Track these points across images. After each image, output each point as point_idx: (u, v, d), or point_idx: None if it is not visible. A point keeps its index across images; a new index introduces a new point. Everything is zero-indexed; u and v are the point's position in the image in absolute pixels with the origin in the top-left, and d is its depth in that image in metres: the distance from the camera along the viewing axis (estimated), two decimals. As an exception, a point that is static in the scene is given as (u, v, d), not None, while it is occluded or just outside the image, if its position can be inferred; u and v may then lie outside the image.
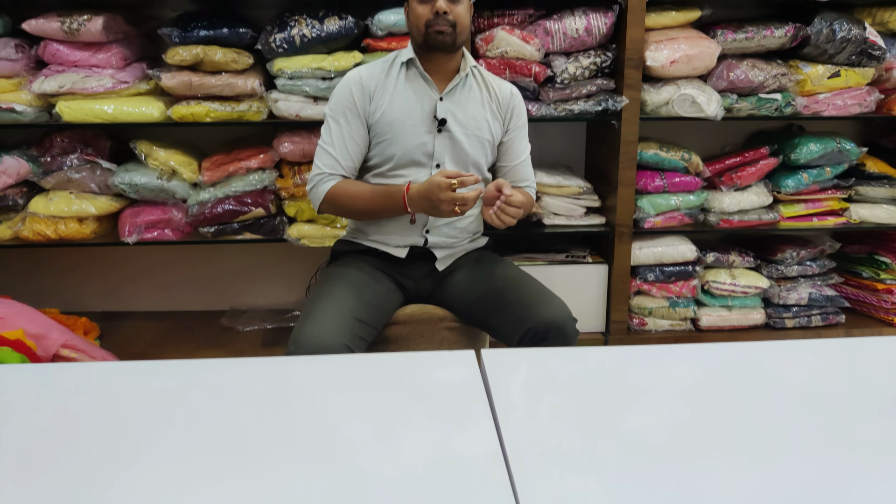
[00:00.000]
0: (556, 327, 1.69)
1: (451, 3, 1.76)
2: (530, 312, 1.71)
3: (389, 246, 1.92)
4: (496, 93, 1.93)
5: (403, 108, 1.84)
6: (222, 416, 1.03)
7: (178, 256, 2.93)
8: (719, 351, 1.29)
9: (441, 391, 1.11)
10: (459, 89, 1.88)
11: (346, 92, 1.85)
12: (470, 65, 1.89)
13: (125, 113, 2.39)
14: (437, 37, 1.77)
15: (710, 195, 2.69)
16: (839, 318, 2.84)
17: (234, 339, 2.71)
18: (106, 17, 2.32)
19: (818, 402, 1.08)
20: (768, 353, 1.29)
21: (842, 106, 2.60)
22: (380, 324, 1.81)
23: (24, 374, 1.23)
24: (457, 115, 1.86)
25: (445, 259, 1.95)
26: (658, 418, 1.02)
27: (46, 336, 2.18)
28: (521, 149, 1.98)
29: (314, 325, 1.62)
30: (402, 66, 1.87)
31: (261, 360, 1.23)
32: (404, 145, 1.84)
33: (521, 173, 1.98)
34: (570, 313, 1.74)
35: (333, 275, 1.87)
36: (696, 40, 2.46)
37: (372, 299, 1.79)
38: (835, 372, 1.20)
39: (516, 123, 1.95)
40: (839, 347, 1.32)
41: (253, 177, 2.51)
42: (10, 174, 2.47)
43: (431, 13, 1.75)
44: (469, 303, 1.86)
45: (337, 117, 1.85)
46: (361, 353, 1.67)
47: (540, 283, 1.84)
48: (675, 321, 2.76)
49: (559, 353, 1.30)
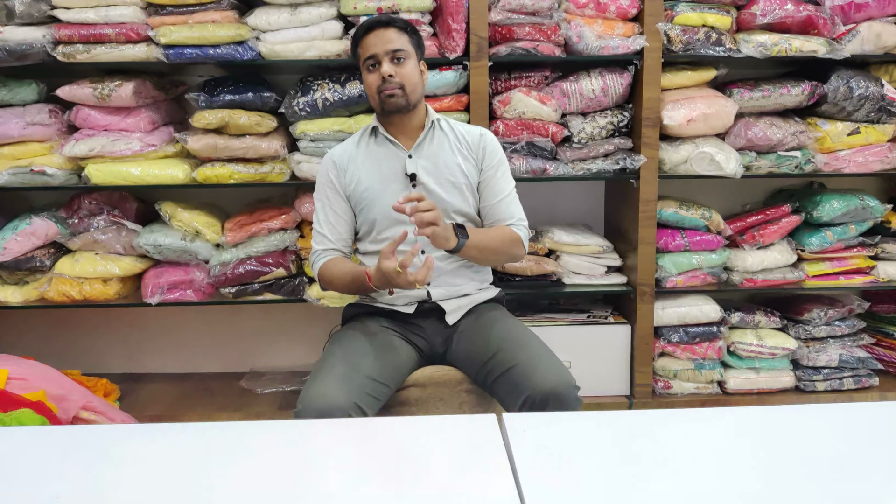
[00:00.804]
0: (555, 396, 1.60)
1: (395, 65, 1.85)
2: (529, 380, 1.64)
3: (397, 304, 1.92)
4: (465, 137, 1.96)
5: (375, 173, 1.92)
6: (240, 480, 1.02)
7: (198, 317, 2.94)
8: (748, 415, 1.23)
9: (461, 457, 1.07)
10: (427, 143, 1.94)
11: (324, 173, 1.97)
12: (433, 118, 1.95)
13: (151, 175, 2.45)
14: (389, 100, 1.86)
15: (733, 254, 2.66)
16: (872, 381, 2.75)
17: (252, 402, 2.69)
18: (136, 83, 2.40)
19: (852, 468, 1.03)
20: (799, 417, 1.23)
21: (863, 163, 2.59)
22: (393, 383, 1.78)
23: (44, 436, 1.24)
24: (427, 166, 1.91)
25: (455, 312, 1.92)
26: (685, 485, 0.98)
27: (67, 398, 2.18)
28: (501, 187, 1.96)
29: (322, 385, 1.60)
30: (370, 136, 1.96)
31: (279, 423, 1.22)
32: (382, 207, 1.88)
33: (503, 211, 1.95)
34: (571, 381, 1.65)
35: (344, 336, 1.86)
36: (713, 99, 2.49)
37: (383, 357, 1.77)
38: (869, 437, 1.15)
39: (490, 162, 1.96)
40: (874, 411, 1.26)
41: (274, 237, 2.54)
42: (38, 236, 2.53)
43: (379, 79, 1.85)
44: (477, 367, 1.81)
45: (320, 198, 1.97)
46: (373, 413, 1.64)
47: (542, 347, 1.78)
48: (700, 384, 2.69)
49: (582, 417, 1.26)
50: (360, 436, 1.18)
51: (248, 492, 0.98)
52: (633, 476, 1.02)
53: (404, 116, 1.91)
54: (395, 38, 1.86)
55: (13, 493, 0.99)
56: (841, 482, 0.99)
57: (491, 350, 1.78)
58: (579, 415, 1.30)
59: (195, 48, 2.38)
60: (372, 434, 1.19)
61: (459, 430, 1.19)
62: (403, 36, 1.88)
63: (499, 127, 2.46)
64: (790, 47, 2.45)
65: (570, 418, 1.28)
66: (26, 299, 2.57)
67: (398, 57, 1.86)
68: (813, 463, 1.05)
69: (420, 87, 1.91)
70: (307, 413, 1.54)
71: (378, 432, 1.20)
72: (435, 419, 1.32)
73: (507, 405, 1.72)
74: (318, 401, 1.55)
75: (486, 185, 1.96)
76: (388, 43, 1.85)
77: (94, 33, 2.35)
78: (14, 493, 0.99)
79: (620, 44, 2.43)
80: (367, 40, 1.87)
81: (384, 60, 1.85)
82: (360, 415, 1.58)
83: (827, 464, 1.04)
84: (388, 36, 1.85)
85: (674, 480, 1.00)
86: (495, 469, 1.03)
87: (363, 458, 1.08)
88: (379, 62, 1.85)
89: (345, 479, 1.02)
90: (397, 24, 1.88)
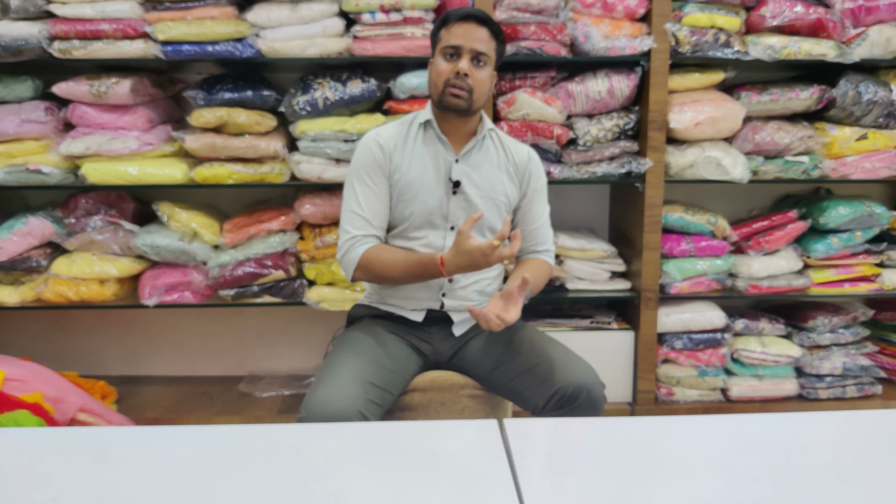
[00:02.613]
0: (587, 389, 1.62)
1: (474, 66, 1.77)
2: (558, 374, 1.65)
3: (406, 310, 1.89)
4: (513, 156, 1.91)
5: (420, 168, 1.84)
6: (239, 485, 1.01)
7: (196, 319, 2.91)
8: (751, 422, 1.25)
9: (463, 462, 1.07)
10: (476, 151, 1.87)
11: (367, 152, 1.84)
12: (487, 128, 1.89)
13: (149, 175, 2.41)
14: (452, 99, 1.77)
15: (738, 260, 2.63)
16: (875, 389, 2.73)
17: (251, 406, 2.66)
18: (133, 81, 2.36)
19: (855, 476, 1.02)
20: (802, 424, 1.24)
21: (870, 169, 2.56)
22: (396, 389, 1.75)
23: (41, 438, 1.23)
24: (472, 176, 1.85)
25: (463, 324, 1.90)
26: (687, 492, 0.98)
27: (64, 400, 2.17)
28: (539, 212, 1.94)
29: (327, 391, 1.58)
30: (419, 127, 1.87)
31: (278, 427, 1.22)
32: (421, 206, 1.82)
33: (538, 237, 1.94)
34: (599, 378, 1.68)
35: (349, 339, 1.83)
36: (721, 102, 2.45)
37: (388, 364, 1.75)
38: (872, 445, 1.15)
39: (534, 187, 1.92)
40: (876, 420, 1.27)
41: (274, 239, 2.51)
42: (35, 235, 2.49)
43: (453, 72, 1.76)
44: (490, 369, 1.80)
45: (362, 177, 1.83)
46: (376, 419, 1.62)
47: (566, 347, 1.79)
48: (703, 391, 2.67)
49: (584, 423, 1.27)
50: (361, 440, 1.18)
51: (247, 496, 0.98)
52: (635, 483, 1.02)
53: (460, 119, 1.84)
54: (485, 40, 1.78)
55: (9, 494, 0.99)
56: (843, 490, 0.99)
57: (512, 351, 1.78)
58: (581, 421, 1.30)
59: (193, 45, 2.34)
60: (373, 438, 1.19)
61: (461, 435, 1.19)
62: (493, 41, 1.80)
63: (503, 128, 2.42)
64: (799, 50, 2.42)
65: (572, 424, 1.29)
66: (23, 300, 2.53)
67: (480, 60, 1.78)
68: (816, 471, 1.05)
69: (485, 97, 1.84)
70: (311, 419, 1.52)
71: (380, 436, 1.19)
72: (436, 424, 1.32)
73: (531, 401, 1.71)
74: (322, 407, 1.53)
75: (525, 209, 1.93)
76: (477, 41, 1.76)
77: (90, 29, 2.31)
78: (10, 494, 0.99)
79: (627, 44, 2.40)
80: (457, 29, 1.77)
81: (465, 56, 1.76)
82: (363, 421, 1.55)
83: (830, 471, 1.04)
84: (479, 34, 1.77)
85: (675, 488, 1.00)
86: (496, 474, 1.03)
87: (364, 463, 1.08)
88: (459, 55, 1.77)
89: (345, 483, 1.02)
90: (492, 26, 1.80)
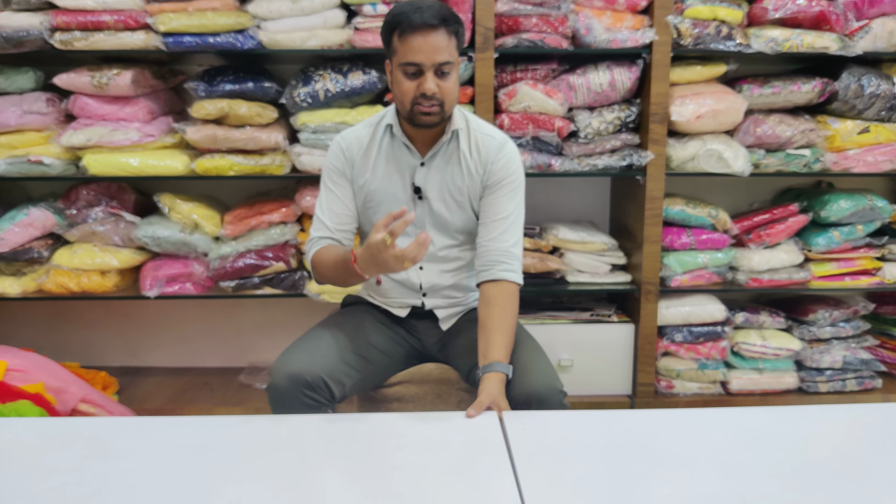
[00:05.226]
0: (538, 399, 1.54)
1: (439, 79, 1.62)
2: (515, 380, 1.59)
3: (392, 306, 1.89)
4: (481, 148, 1.77)
5: (385, 175, 1.77)
6: (239, 474, 1.01)
7: (197, 311, 2.92)
8: (750, 415, 1.26)
9: (462, 453, 1.07)
10: (442, 152, 1.76)
11: (332, 157, 1.80)
12: (455, 127, 1.74)
13: (150, 166, 2.41)
14: (425, 118, 1.65)
15: (739, 253, 2.63)
16: (875, 383, 2.73)
17: (251, 397, 2.67)
18: (135, 72, 2.36)
19: (854, 470, 1.03)
20: (802, 418, 1.25)
21: (872, 162, 2.55)
22: (369, 374, 1.75)
23: (43, 428, 1.24)
24: (436, 180, 1.77)
25: (448, 319, 1.88)
26: (686, 486, 0.98)
27: (66, 390, 2.18)
28: (503, 205, 1.75)
29: (294, 354, 1.62)
30: (385, 130, 1.77)
31: (277, 418, 1.24)
32: (386, 212, 1.69)
33: (496, 231, 1.74)
34: (558, 385, 1.59)
35: (333, 317, 1.86)
36: (722, 95, 2.45)
37: (363, 348, 1.75)
38: (872, 439, 1.15)
39: (497, 177, 1.75)
40: (876, 413, 1.28)
41: (274, 231, 2.51)
42: (36, 226, 2.50)
43: (419, 92, 1.62)
44: (469, 366, 1.75)
45: (325, 181, 1.80)
46: (340, 394, 1.62)
47: (532, 349, 1.71)
48: (703, 384, 2.67)
49: (583, 415, 1.28)
50: (360, 431, 1.19)
51: (247, 486, 0.99)
52: (634, 475, 1.02)
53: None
54: (444, 47, 1.60)
55: (11, 483, 0.99)
56: (843, 483, 0.99)
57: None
58: (580, 413, 1.31)
59: (195, 36, 2.33)
60: (372, 429, 1.19)
61: (460, 427, 1.20)
62: (452, 41, 1.63)
63: (504, 120, 2.42)
64: (802, 43, 2.41)
65: (571, 417, 1.29)
66: (24, 291, 2.54)
67: (444, 70, 1.62)
68: (815, 464, 1.05)
69: (456, 98, 1.70)
70: (275, 377, 1.57)
71: (378, 427, 1.20)
72: (436, 415, 1.32)
73: None
74: (287, 367, 1.57)
75: (487, 200, 1.77)
76: (436, 53, 1.60)
77: (92, 20, 2.31)
78: (12, 484, 0.99)
79: (629, 37, 2.39)
80: (412, 42, 1.59)
81: (428, 73, 1.60)
82: (325, 391, 1.58)
83: (829, 465, 1.05)
84: (437, 42, 1.59)
85: (675, 480, 1.01)
86: (495, 466, 1.03)
87: (363, 453, 1.08)
88: (422, 72, 1.61)
89: (344, 473, 1.03)
90: (448, 24, 1.61)
